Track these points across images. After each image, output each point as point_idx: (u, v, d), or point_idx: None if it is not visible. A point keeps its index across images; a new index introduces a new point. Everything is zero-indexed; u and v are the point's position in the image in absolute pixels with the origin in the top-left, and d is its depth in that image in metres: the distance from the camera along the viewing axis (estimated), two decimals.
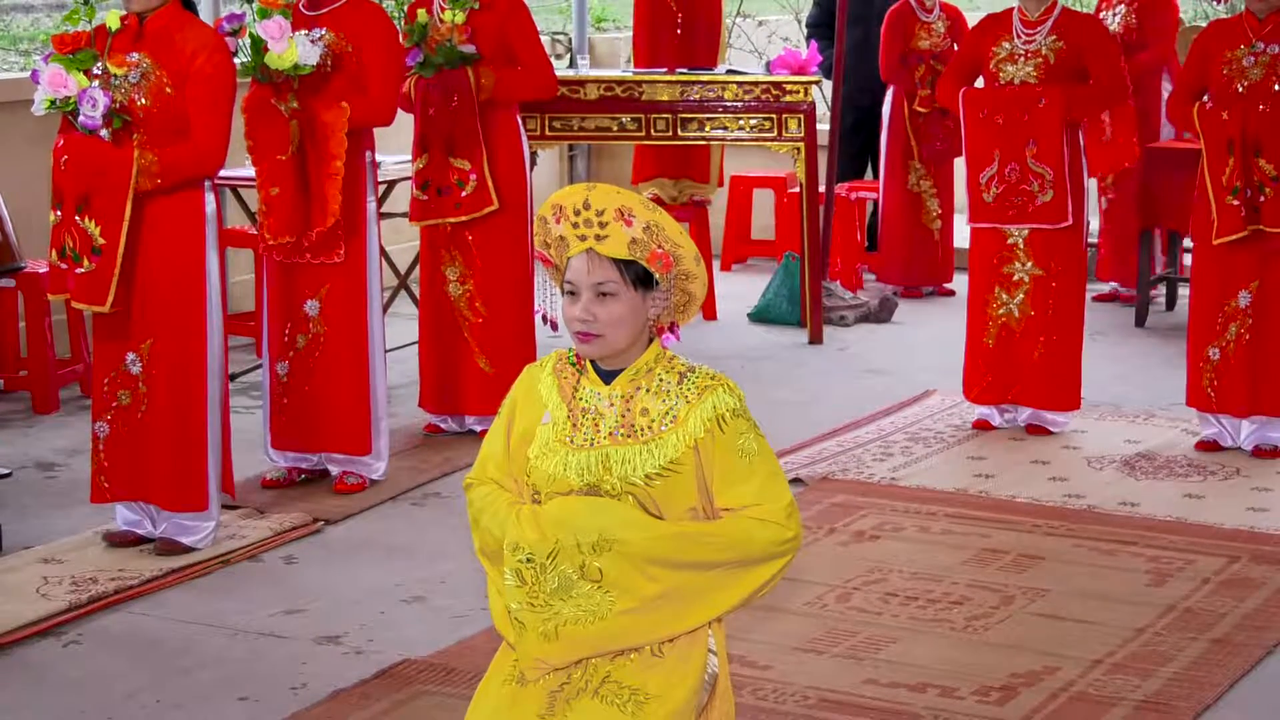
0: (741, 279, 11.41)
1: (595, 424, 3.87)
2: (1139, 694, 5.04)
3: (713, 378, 3.87)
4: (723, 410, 3.79)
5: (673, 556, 3.74)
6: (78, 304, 6.05)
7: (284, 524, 6.52)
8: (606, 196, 3.72)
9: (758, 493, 3.81)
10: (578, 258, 3.81)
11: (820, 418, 8.15)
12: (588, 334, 3.81)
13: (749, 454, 3.82)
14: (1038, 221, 7.59)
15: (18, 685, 5.18)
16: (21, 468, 7.33)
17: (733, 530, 3.77)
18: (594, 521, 3.70)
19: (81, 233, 5.91)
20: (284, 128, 6.54)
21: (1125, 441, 7.74)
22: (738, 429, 3.82)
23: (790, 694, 5.04)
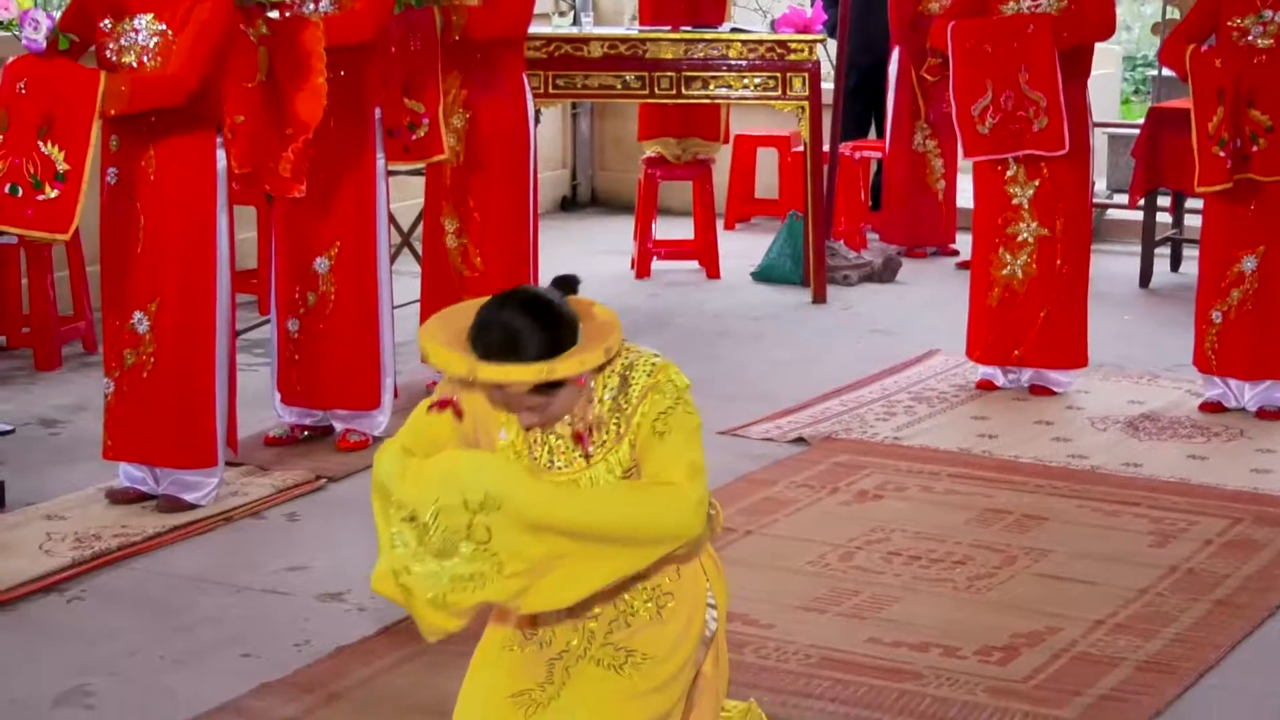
0: (745, 238, 11.40)
1: (549, 448, 3.86)
2: (1141, 654, 5.04)
3: (652, 371, 3.78)
4: (659, 410, 3.75)
5: (564, 520, 3.61)
6: (34, 232, 5.87)
7: (287, 481, 6.52)
8: (494, 374, 3.58)
9: (661, 471, 3.74)
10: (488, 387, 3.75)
11: (823, 377, 8.14)
12: (539, 425, 3.80)
13: (664, 433, 3.76)
14: (1035, 148, 7.50)
15: (21, 641, 5.19)
16: (24, 425, 7.33)
17: (634, 507, 3.69)
18: (480, 478, 3.57)
19: (44, 158, 5.71)
20: (252, 55, 6.38)
21: (1129, 402, 7.73)
22: (658, 406, 3.75)
23: (792, 652, 5.04)
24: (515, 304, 3.62)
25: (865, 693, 4.76)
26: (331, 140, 6.74)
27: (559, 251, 10.71)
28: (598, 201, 13.15)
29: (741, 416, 7.44)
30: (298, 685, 4.81)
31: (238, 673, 4.92)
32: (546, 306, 3.62)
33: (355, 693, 4.77)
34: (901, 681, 4.83)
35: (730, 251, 10.72)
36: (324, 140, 6.67)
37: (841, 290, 10.02)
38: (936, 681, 4.84)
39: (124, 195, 6.08)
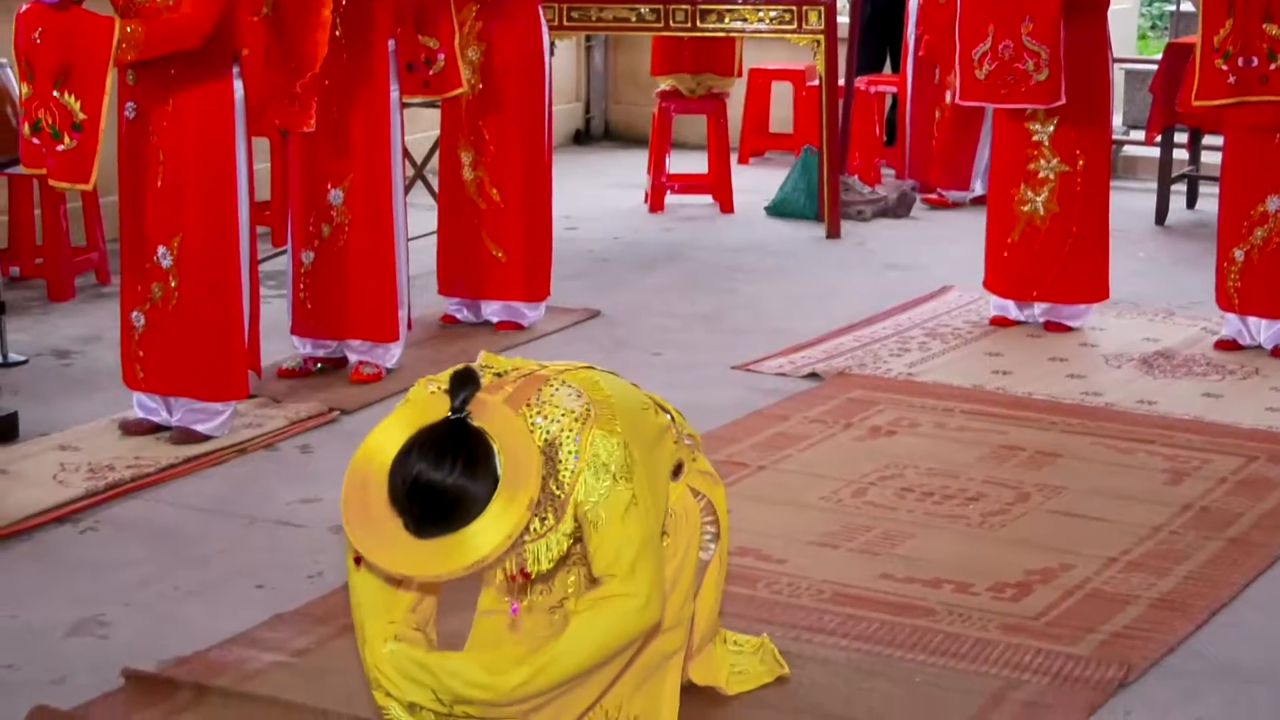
0: (759, 172, 11.36)
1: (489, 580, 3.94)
2: (1154, 592, 5.04)
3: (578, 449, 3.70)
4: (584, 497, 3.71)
5: (536, 689, 3.72)
6: (57, 183, 5.89)
7: (300, 413, 6.52)
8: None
9: (607, 569, 3.76)
10: None
11: (837, 312, 8.12)
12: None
13: (595, 522, 3.75)
14: (1029, 101, 7.46)
15: (35, 571, 5.20)
16: (37, 355, 7.33)
17: (592, 646, 3.73)
18: (443, 682, 3.71)
19: (61, 108, 5.72)
20: None
21: (1144, 339, 7.71)
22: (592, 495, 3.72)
23: (805, 588, 5.04)
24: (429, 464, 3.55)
25: (878, 628, 4.76)
26: (344, 73, 6.71)
27: (572, 185, 10.68)
28: (611, 135, 13.11)
29: (754, 351, 7.43)
30: (311, 617, 4.82)
31: (251, 604, 4.93)
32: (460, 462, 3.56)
33: None
34: (914, 617, 4.83)
35: (744, 186, 10.69)
36: (336, 73, 6.66)
37: (855, 225, 9.99)
38: (949, 618, 4.84)
39: (142, 130, 6.06)
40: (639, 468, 3.77)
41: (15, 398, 6.60)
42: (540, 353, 7.48)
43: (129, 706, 4.28)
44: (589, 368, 3.93)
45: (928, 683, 4.45)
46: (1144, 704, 4.39)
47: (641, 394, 4.02)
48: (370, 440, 3.69)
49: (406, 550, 3.56)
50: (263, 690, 4.36)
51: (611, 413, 3.76)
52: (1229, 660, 4.64)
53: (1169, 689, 4.47)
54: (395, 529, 3.57)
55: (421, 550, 3.56)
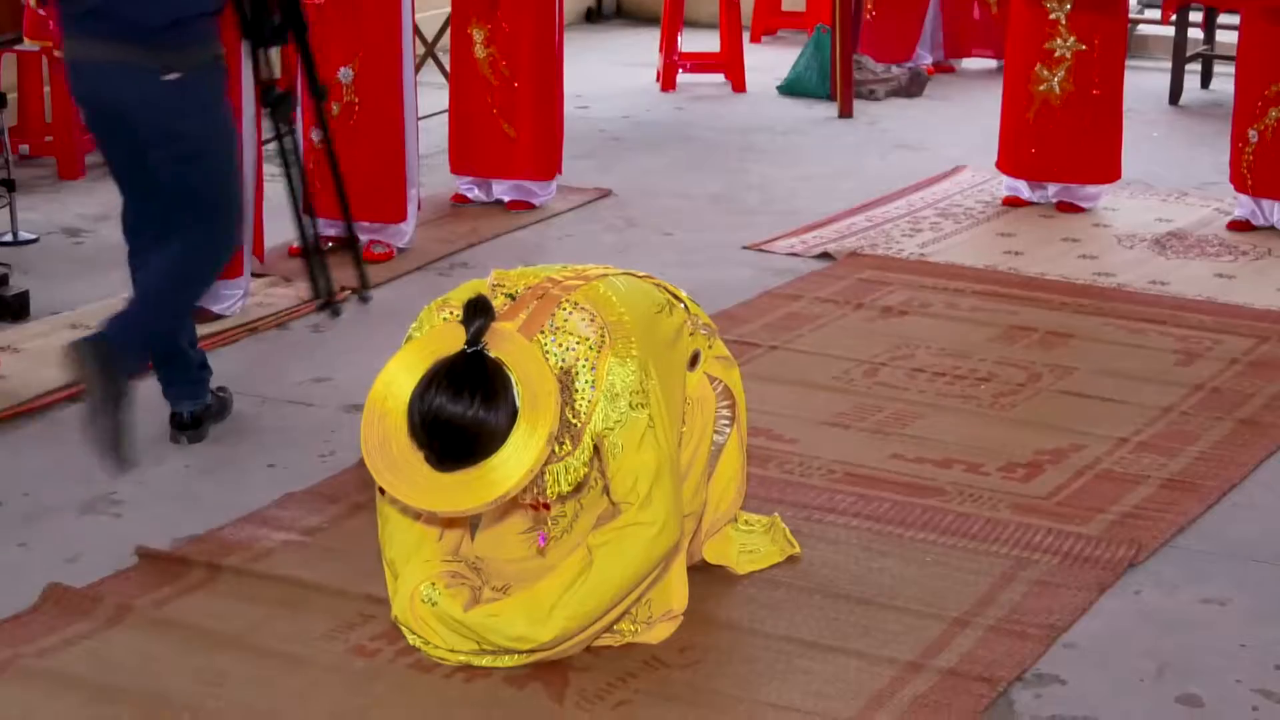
0: (771, 51, 11.29)
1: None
2: (1165, 472, 5.05)
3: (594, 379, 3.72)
4: (599, 427, 3.75)
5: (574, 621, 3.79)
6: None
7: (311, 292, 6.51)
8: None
9: (628, 495, 3.80)
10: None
11: (849, 192, 8.09)
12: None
13: (614, 452, 3.78)
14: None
15: (48, 450, 5.21)
16: (48, 234, 7.32)
17: (615, 575, 3.78)
18: (487, 638, 3.81)
19: None
20: None
21: (1156, 220, 7.68)
22: (608, 420, 3.75)
23: (816, 468, 5.05)
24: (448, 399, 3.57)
25: (889, 508, 4.77)
26: None
27: (584, 64, 10.62)
28: (623, 13, 13.01)
29: (766, 231, 7.42)
30: (323, 495, 4.83)
31: (263, 483, 4.94)
32: (479, 395, 3.57)
33: None
34: (925, 497, 4.84)
35: (756, 65, 10.62)
36: None
37: (868, 105, 9.94)
38: (960, 498, 4.85)
39: None
40: (654, 387, 3.78)
41: (26, 276, 6.60)
42: (551, 232, 7.47)
43: (142, 585, 4.30)
44: (603, 276, 3.91)
45: (938, 562, 4.46)
46: (1154, 583, 4.40)
47: (655, 292, 4.01)
48: (385, 374, 3.69)
49: (429, 485, 3.59)
50: (274, 569, 4.38)
51: (626, 334, 3.75)
52: (1239, 540, 4.66)
53: (1179, 568, 4.49)
54: (417, 464, 3.59)
55: (444, 485, 3.58)
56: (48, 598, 4.20)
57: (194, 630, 4.07)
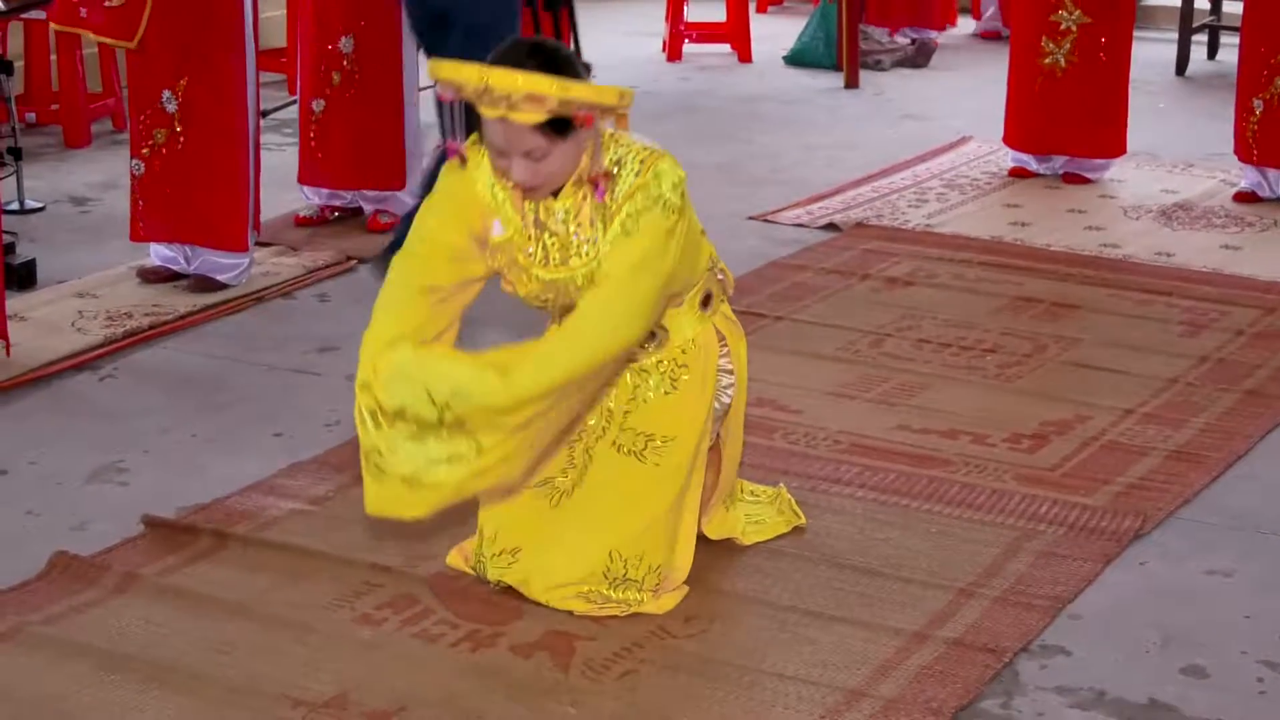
0: (777, 21, 11.28)
1: (552, 244, 3.84)
2: (1170, 444, 5.05)
3: (641, 169, 3.76)
4: (635, 208, 3.72)
5: (533, 387, 3.67)
6: (102, 38, 5.97)
7: (317, 262, 6.52)
8: (507, 82, 3.55)
9: (609, 272, 3.75)
10: (492, 122, 3.66)
11: (855, 163, 8.09)
12: (530, 187, 3.74)
13: (630, 232, 3.76)
14: None
15: (55, 417, 5.22)
16: (54, 202, 7.33)
17: (581, 351, 3.71)
18: (439, 380, 3.65)
19: None
20: None
21: (1163, 191, 7.67)
22: (635, 205, 3.74)
23: (822, 438, 5.05)
24: (531, 42, 3.69)
25: (894, 479, 4.77)
26: None
27: (590, 33, 10.58)
28: None
29: (772, 202, 7.41)
30: (329, 465, 4.84)
31: (269, 451, 4.95)
32: (560, 48, 3.67)
33: None
34: (930, 468, 4.85)
35: (762, 35, 10.60)
36: None
37: (874, 75, 9.92)
38: (965, 468, 4.86)
39: None
40: (688, 212, 3.82)
41: (33, 245, 6.60)
42: None
43: (149, 553, 4.31)
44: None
45: (944, 533, 4.47)
46: (1159, 554, 4.41)
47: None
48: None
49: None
50: (281, 538, 4.39)
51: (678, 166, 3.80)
52: (1244, 511, 4.66)
53: (1184, 540, 4.49)
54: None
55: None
56: (54, 565, 4.21)
57: (201, 599, 4.08)
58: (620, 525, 3.98)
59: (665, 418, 4.02)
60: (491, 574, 4.08)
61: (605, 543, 3.98)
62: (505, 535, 4.06)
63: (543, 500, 4.08)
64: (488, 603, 4.06)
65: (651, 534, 3.99)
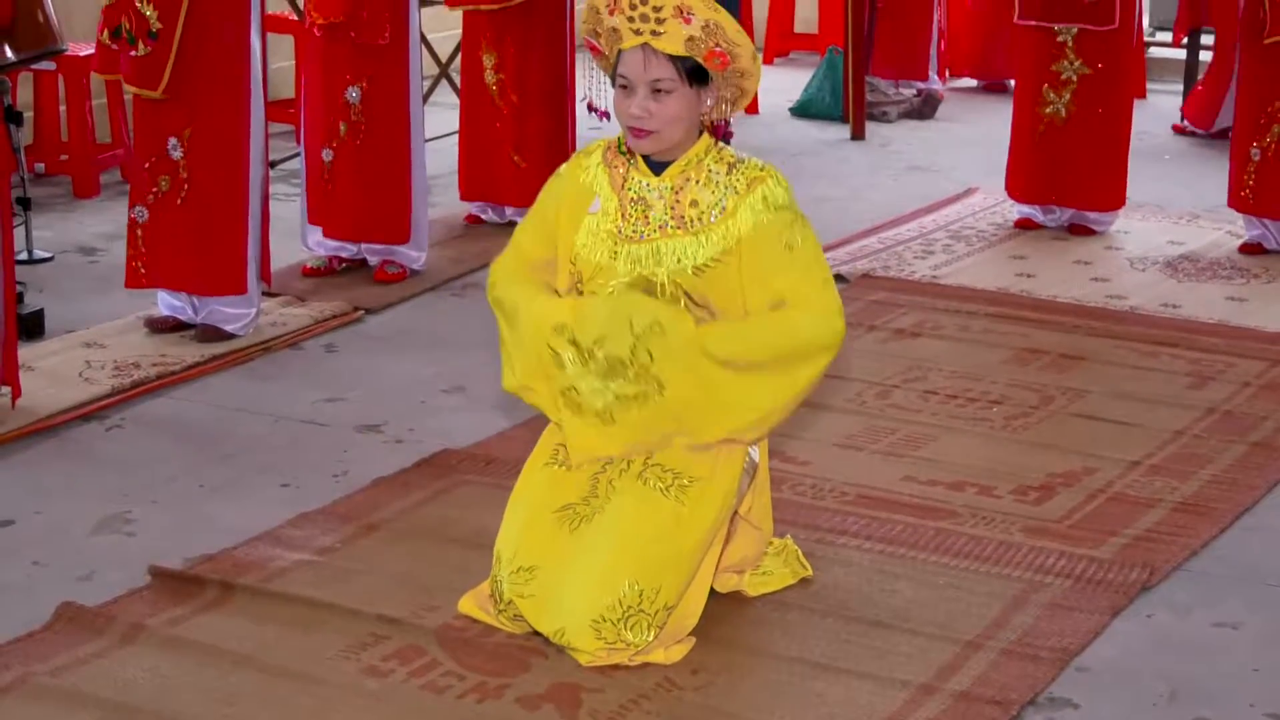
0: (784, 73, 11.30)
1: (644, 215, 3.89)
2: (1177, 496, 5.05)
3: (762, 169, 3.92)
4: (771, 202, 3.82)
5: (720, 349, 3.78)
6: (129, 87, 6.03)
7: (324, 312, 6.53)
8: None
9: (798, 285, 3.88)
10: (631, 52, 3.79)
11: (862, 214, 8.10)
12: (642, 130, 3.82)
13: (793, 246, 3.88)
14: (1085, 22, 7.46)
15: (62, 467, 5.22)
16: (63, 252, 7.34)
17: (779, 322, 3.86)
18: (647, 309, 3.81)
19: (139, 15, 5.87)
20: None
21: (1168, 242, 7.68)
22: (783, 220, 3.86)
23: (829, 490, 5.05)
24: None
25: (901, 530, 4.77)
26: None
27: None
28: None
29: None
30: (336, 515, 4.84)
31: (276, 502, 4.95)
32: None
33: (393, 524, 4.79)
34: (937, 520, 4.85)
35: (769, 86, 10.59)
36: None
37: (880, 126, 9.95)
38: (972, 520, 4.85)
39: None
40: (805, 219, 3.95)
41: (41, 295, 6.62)
42: None
43: (155, 604, 4.30)
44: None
45: (951, 585, 4.46)
46: (1166, 607, 4.40)
47: None
48: None
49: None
50: (288, 589, 4.39)
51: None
52: (1251, 564, 4.65)
53: (1192, 592, 4.49)
54: None
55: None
56: (61, 616, 4.20)
57: (207, 650, 4.08)
58: (640, 556, 3.94)
59: (692, 460, 4.01)
60: (508, 591, 4.01)
61: (624, 570, 3.93)
62: (524, 554, 4.02)
63: (562, 525, 4.05)
64: (494, 654, 4.05)
65: (671, 571, 3.95)
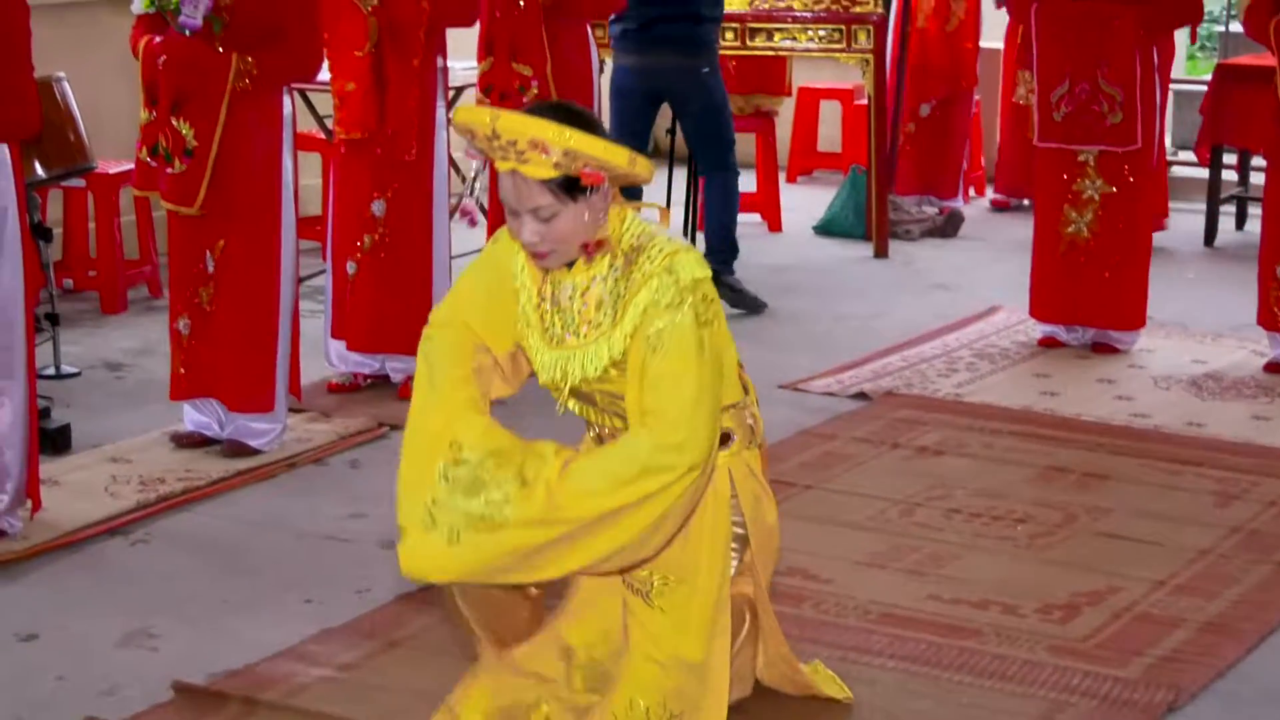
0: (807, 191, 11.36)
1: (559, 319, 3.79)
2: (1203, 615, 5.02)
3: (658, 258, 3.65)
4: (652, 299, 3.62)
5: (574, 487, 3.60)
6: (167, 204, 6.08)
7: (349, 428, 6.55)
8: (514, 127, 3.52)
9: (658, 399, 3.60)
10: (505, 176, 3.64)
11: (885, 332, 8.12)
12: (540, 253, 3.71)
13: (658, 349, 3.61)
14: (1106, 143, 7.50)
15: (87, 582, 5.23)
16: (90, 367, 7.38)
17: (618, 450, 3.62)
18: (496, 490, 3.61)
19: (175, 133, 5.94)
20: (362, 24, 6.59)
21: (1193, 361, 7.68)
22: (653, 318, 3.61)
23: (852, 608, 5.04)
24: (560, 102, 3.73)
25: (925, 649, 4.75)
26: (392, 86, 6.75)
27: None
28: (659, 152, 13.10)
29: (802, 371, 7.43)
30: (359, 632, 4.84)
31: (300, 618, 4.95)
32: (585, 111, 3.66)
33: (416, 641, 4.79)
34: (962, 639, 4.83)
35: (792, 204, 10.69)
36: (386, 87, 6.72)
37: (903, 245, 9.98)
38: (997, 639, 4.84)
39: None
40: (715, 332, 3.67)
41: (68, 410, 6.65)
42: None
43: (178, 719, 4.30)
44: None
45: (975, 704, 4.44)
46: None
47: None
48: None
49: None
50: (310, 705, 4.38)
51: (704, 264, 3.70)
52: (1278, 684, 4.62)
53: (1218, 713, 4.46)
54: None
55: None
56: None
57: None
58: (634, 671, 3.86)
59: (671, 560, 3.83)
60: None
61: (624, 692, 3.86)
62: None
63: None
64: None
65: (669, 681, 3.84)
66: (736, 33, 9.44)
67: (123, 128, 7.88)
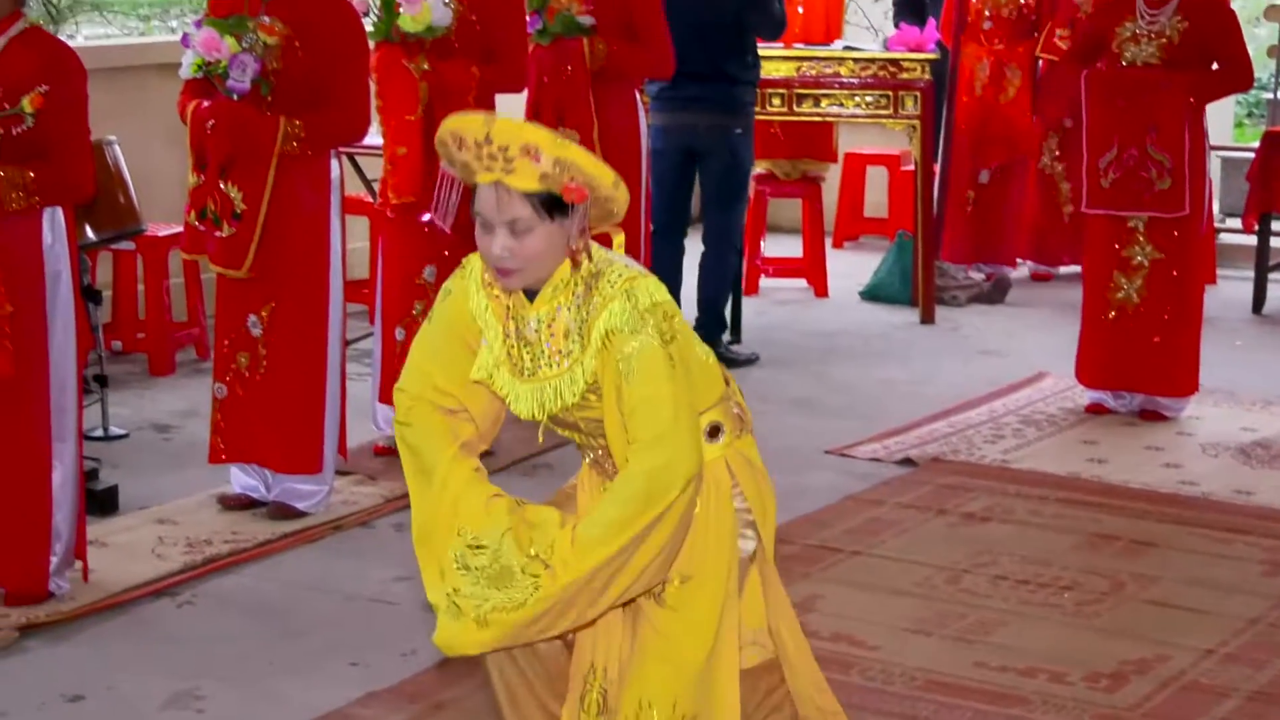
0: (853, 257, 11.36)
1: (528, 353, 3.77)
2: (1252, 684, 4.99)
3: (618, 283, 3.63)
4: (613, 324, 3.60)
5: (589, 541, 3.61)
6: (215, 267, 6.12)
7: (395, 491, 6.55)
8: (508, 132, 3.53)
9: (635, 426, 3.59)
10: (485, 188, 3.61)
11: (931, 398, 8.11)
12: (507, 270, 3.68)
13: (625, 374, 3.60)
14: (1154, 210, 7.49)
15: (133, 644, 5.25)
16: (138, 429, 7.42)
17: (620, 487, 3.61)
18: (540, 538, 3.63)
19: (223, 197, 5.98)
20: (414, 88, 6.61)
21: (1241, 429, 7.65)
22: (619, 344, 3.60)
23: (898, 675, 5.02)
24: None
25: (971, 717, 4.74)
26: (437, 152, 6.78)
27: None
28: None
29: (848, 436, 7.43)
30: (404, 695, 4.84)
31: (345, 680, 4.96)
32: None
33: (461, 704, 4.79)
34: (1008, 707, 4.81)
35: (838, 270, 10.69)
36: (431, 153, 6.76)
37: (950, 310, 9.97)
38: (1044, 707, 4.81)
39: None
40: (681, 340, 3.65)
41: (115, 471, 6.68)
42: None
43: None
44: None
45: None
46: None
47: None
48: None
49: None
50: None
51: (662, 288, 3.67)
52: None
53: None
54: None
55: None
56: None
57: None
58: (644, 673, 3.81)
59: (680, 558, 3.75)
60: None
61: (632, 694, 3.82)
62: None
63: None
64: None
65: (680, 682, 3.79)
66: (783, 98, 9.46)
67: (172, 191, 7.94)
